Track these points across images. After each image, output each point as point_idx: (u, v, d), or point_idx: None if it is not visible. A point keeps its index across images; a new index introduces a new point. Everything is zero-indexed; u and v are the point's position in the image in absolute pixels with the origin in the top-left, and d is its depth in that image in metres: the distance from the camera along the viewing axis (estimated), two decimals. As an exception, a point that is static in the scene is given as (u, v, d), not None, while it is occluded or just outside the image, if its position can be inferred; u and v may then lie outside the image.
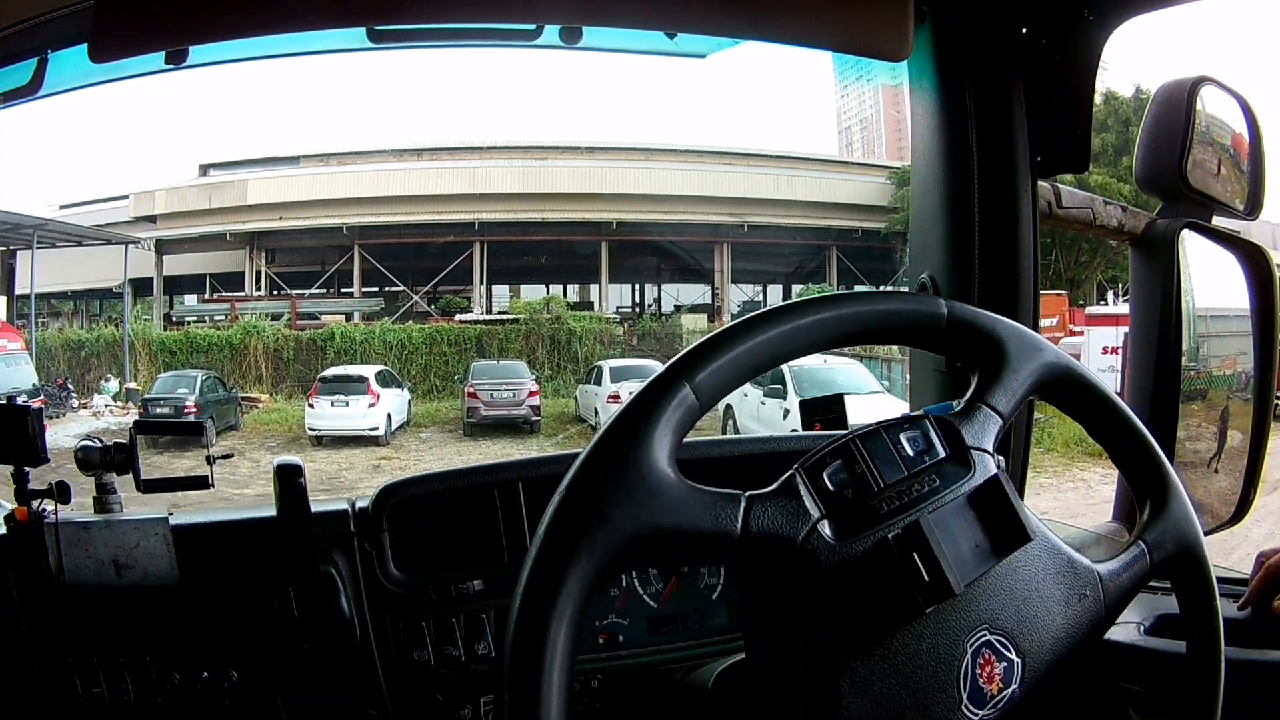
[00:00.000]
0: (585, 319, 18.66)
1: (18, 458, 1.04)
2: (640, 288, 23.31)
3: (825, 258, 21.57)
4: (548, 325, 18.21)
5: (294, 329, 18.06)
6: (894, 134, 29.26)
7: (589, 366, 16.04)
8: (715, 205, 20.36)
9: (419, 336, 17.85)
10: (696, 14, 1.08)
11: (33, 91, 1.12)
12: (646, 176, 20.37)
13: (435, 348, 17.76)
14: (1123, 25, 1.10)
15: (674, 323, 19.81)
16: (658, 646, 1.13)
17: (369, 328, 18.02)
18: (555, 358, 18.01)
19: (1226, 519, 1.27)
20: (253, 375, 17.06)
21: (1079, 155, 1.17)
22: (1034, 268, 1.22)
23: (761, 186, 20.63)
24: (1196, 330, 1.31)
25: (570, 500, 0.50)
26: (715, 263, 21.21)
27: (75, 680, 1.03)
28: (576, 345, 18.03)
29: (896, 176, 20.48)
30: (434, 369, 17.50)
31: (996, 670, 0.55)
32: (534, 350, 17.76)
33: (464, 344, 17.81)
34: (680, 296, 22.80)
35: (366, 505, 1.14)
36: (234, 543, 1.10)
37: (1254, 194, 1.27)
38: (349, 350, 17.23)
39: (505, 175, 19.91)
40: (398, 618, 1.10)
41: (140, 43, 0.99)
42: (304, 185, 19.73)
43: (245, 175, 20.11)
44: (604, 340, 18.23)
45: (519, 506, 1.14)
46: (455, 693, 1.10)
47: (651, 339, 18.68)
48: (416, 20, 1.12)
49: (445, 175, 19.85)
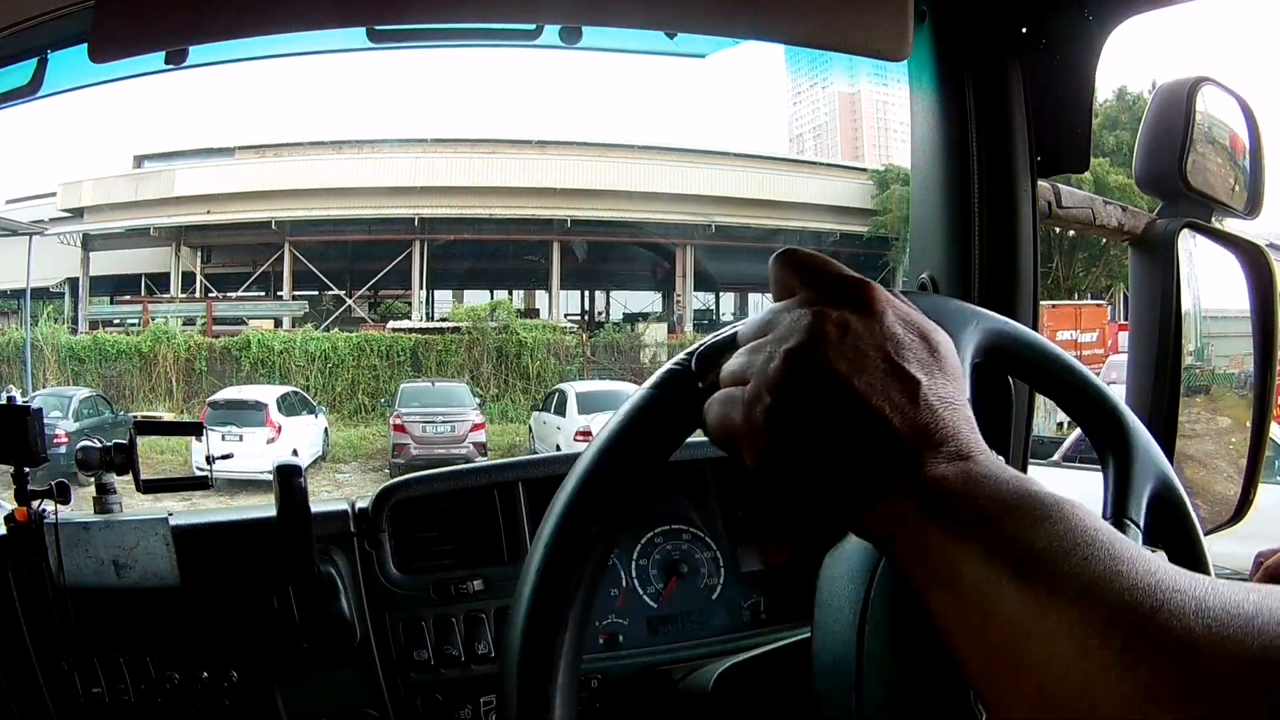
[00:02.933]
0: (537, 328, 16.40)
1: (18, 458, 1.04)
2: (592, 294, 21.19)
3: None
4: (494, 335, 15.84)
5: (209, 335, 15.85)
6: (850, 141, 28.29)
7: (548, 391, 13.66)
8: (679, 203, 18.56)
9: (345, 347, 15.34)
10: (696, 14, 1.08)
11: (33, 91, 1.12)
12: (603, 170, 18.46)
13: (364, 360, 15.28)
14: (1123, 24, 1.10)
15: (634, 333, 17.60)
16: (658, 646, 1.13)
17: (289, 336, 15.59)
18: (502, 373, 15.68)
19: (1227, 518, 1.27)
20: (163, 388, 14.72)
21: (1079, 155, 1.17)
22: (1034, 268, 1.22)
23: (730, 184, 18.90)
24: (1203, 329, 1.31)
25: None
26: (677, 266, 19.20)
27: (75, 680, 1.03)
28: (527, 359, 15.72)
29: (879, 177, 19.34)
30: (362, 385, 15.04)
31: None
32: (478, 364, 15.59)
33: (396, 356, 15.40)
34: (630, 304, 20.57)
35: (366, 505, 1.15)
36: (234, 543, 1.10)
37: (1254, 194, 1.28)
38: (266, 361, 14.90)
39: (450, 168, 17.90)
40: (398, 618, 1.10)
41: (140, 43, 0.99)
42: (236, 176, 17.78)
43: (176, 166, 18.09)
44: (558, 353, 16.03)
45: (519, 506, 1.14)
46: (455, 693, 1.10)
47: (612, 352, 16.48)
48: (416, 20, 1.12)
49: (384, 167, 17.79)
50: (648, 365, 15.40)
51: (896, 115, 28.54)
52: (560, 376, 15.24)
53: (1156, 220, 1.25)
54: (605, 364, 16.06)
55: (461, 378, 14.87)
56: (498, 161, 18.20)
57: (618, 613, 1.14)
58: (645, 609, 1.15)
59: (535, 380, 15.30)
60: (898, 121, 28.57)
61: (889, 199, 18.11)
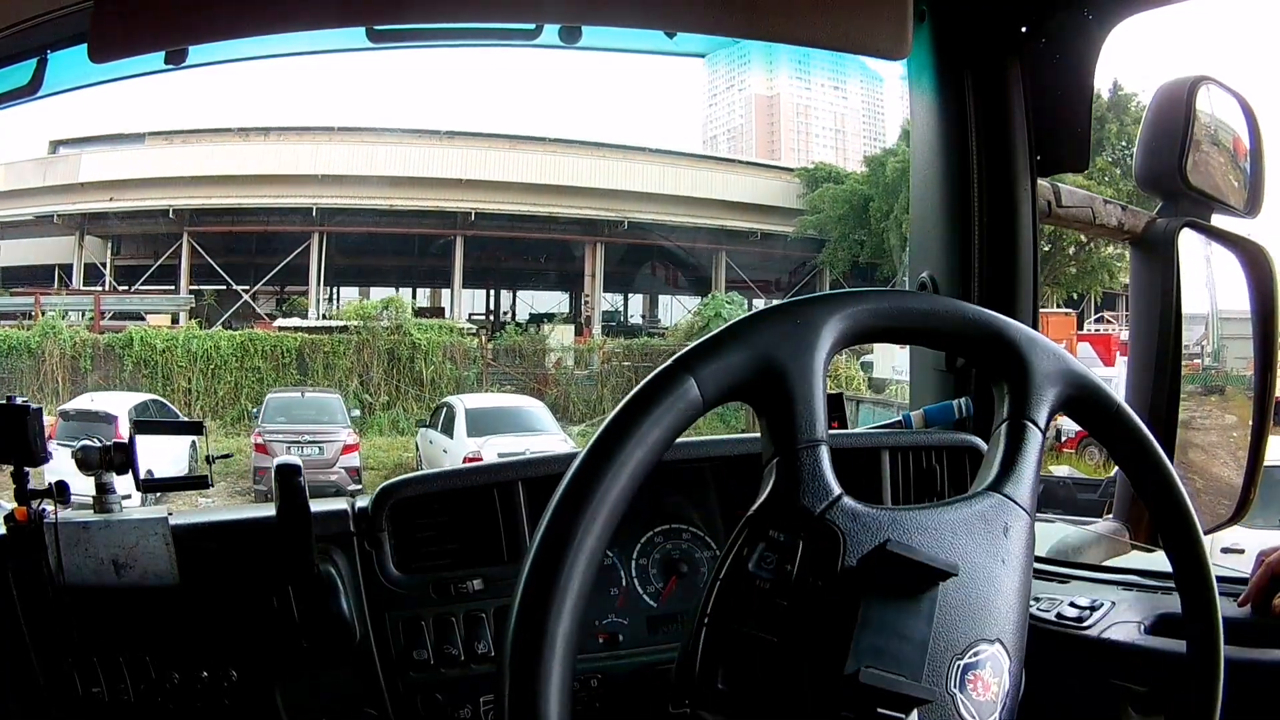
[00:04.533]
0: (432, 328, 14.70)
1: (18, 458, 1.04)
2: (496, 293, 19.88)
3: (714, 262, 18.39)
4: (385, 336, 14.17)
5: (96, 330, 14.35)
6: (766, 145, 27.07)
7: (437, 404, 11.86)
8: (590, 198, 17.33)
9: (228, 346, 13.73)
10: (696, 14, 1.08)
11: (32, 91, 1.12)
12: (510, 162, 17.16)
13: (247, 361, 13.69)
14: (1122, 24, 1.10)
15: (539, 336, 16.05)
16: (657, 646, 1.13)
17: (171, 334, 14.17)
18: (394, 378, 14.10)
19: (1227, 518, 1.27)
20: (50, 389, 13.12)
21: (1079, 154, 1.17)
22: (1034, 267, 1.22)
23: (645, 180, 17.58)
24: (1220, 331, 1.31)
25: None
26: (587, 264, 17.82)
27: (75, 680, 1.03)
28: (420, 362, 14.14)
29: (807, 175, 18.56)
30: (246, 389, 13.40)
31: (986, 676, 0.54)
32: (368, 368, 14.01)
33: (282, 357, 13.86)
34: (537, 304, 19.19)
35: (366, 505, 1.14)
36: (233, 542, 1.10)
37: (1254, 193, 1.28)
38: (149, 360, 13.50)
39: (353, 157, 16.50)
40: (397, 617, 1.10)
41: (140, 43, 0.99)
42: (140, 163, 16.31)
43: (86, 152, 16.69)
44: (455, 356, 14.49)
45: (518, 506, 1.14)
46: (455, 692, 1.10)
47: (514, 356, 15.00)
48: (416, 20, 1.12)
49: (285, 154, 16.26)
50: (551, 371, 14.88)
51: (819, 120, 27.97)
52: (457, 383, 14.10)
53: (1156, 220, 1.25)
54: (506, 369, 14.80)
55: (350, 383, 13.69)
56: (402, 151, 16.89)
57: (617, 612, 1.14)
58: (645, 608, 1.15)
59: (430, 387, 13.92)
60: (820, 126, 27.99)
61: (820, 197, 17.46)
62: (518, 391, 13.64)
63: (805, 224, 17.62)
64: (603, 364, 14.98)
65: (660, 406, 0.52)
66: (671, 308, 19.68)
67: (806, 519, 0.52)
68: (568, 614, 0.47)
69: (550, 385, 14.55)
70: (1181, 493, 0.65)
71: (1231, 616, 0.95)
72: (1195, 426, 1.38)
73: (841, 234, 17.19)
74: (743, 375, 0.55)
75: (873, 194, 16.81)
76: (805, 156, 22.26)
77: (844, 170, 18.96)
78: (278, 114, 18.22)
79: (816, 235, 17.51)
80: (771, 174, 19.78)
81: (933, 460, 1.17)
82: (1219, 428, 1.40)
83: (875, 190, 16.78)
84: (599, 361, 15.03)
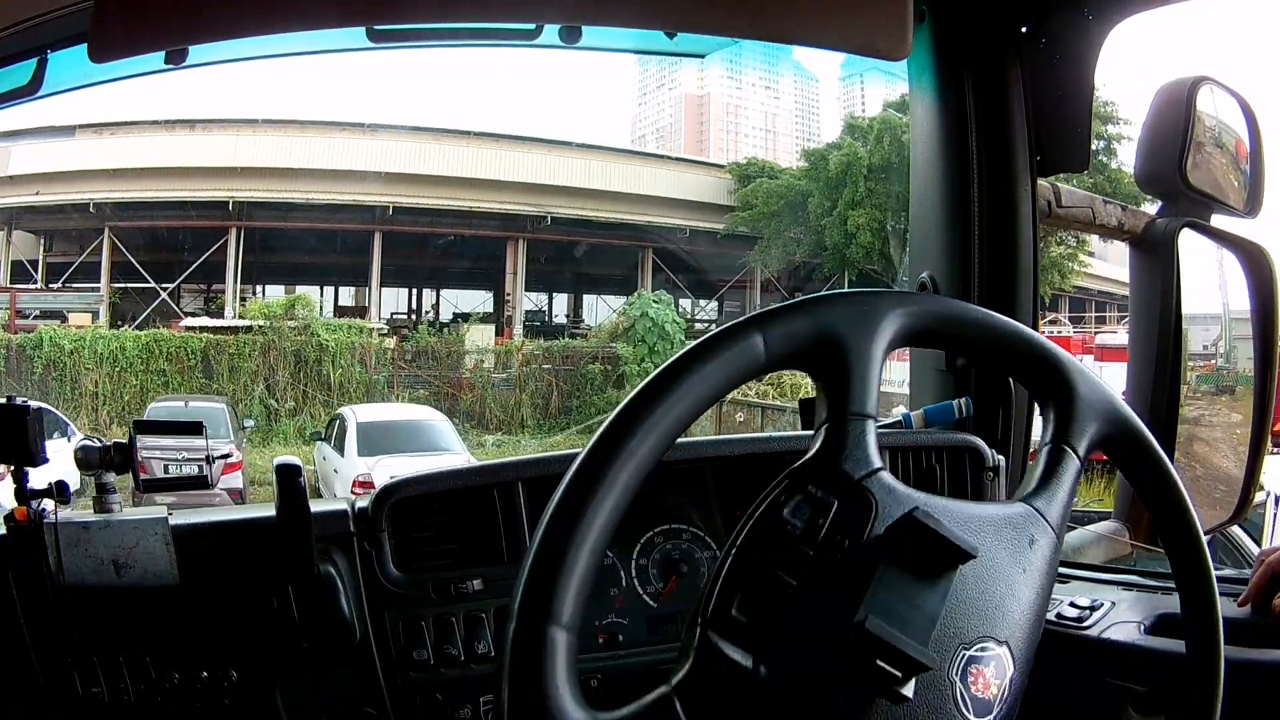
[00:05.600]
0: (340, 329, 13.71)
1: (18, 458, 1.04)
2: (419, 292, 18.94)
3: (640, 260, 17.41)
4: (291, 336, 13.18)
5: (11, 330, 13.64)
6: (695, 144, 26.34)
7: (330, 416, 10.97)
8: (512, 192, 16.35)
9: (134, 348, 12.94)
10: (696, 14, 1.08)
11: (33, 91, 1.12)
12: (431, 155, 16.26)
13: (152, 363, 12.91)
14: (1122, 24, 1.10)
15: (456, 337, 15.07)
16: (657, 646, 1.13)
17: (79, 334, 13.34)
18: (301, 382, 13.13)
19: (1227, 518, 1.27)
20: None
21: (1079, 154, 1.17)
22: (1034, 267, 1.22)
23: (570, 174, 16.69)
24: (1232, 331, 1.31)
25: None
26: (509, 262, 16.86)
27: (75, 680, 1.03)
28: (328, 365, 13.19)
29: (739, 171, 17.72)
30: (151, 393, 12.48)
31: (988, 674, 0.55)
32: (273, 371, 13.09)
33: (187, 359, 13.07)
34: (461, 303, 18.20)
35: (366, 505, 1.14)
36: (234, 542, 1.10)
37: (1254, 193, 1.28)
38: (59, 362, 12.81)
39: (276, 149, 15.54)
40: (397, 617, 1.10)
41: (140, 43, 0.99)
42: (69, 156, 15.45)
43: (15, 145, 15.64)
44: (366, 359, 13.62)
45: (518, 506, 1.14)
46: (455, 692, 1.10)
47: (428, 359, 14.11)
48: (416, 20, 1.12)
49: (207, 146, 15.32)
50: (468, 374, 14.09)
51: (749, 119, 27.63)
52: (367, 388, 13.33)
53: (1156, 220, 1.25)
54: (418, 372, 13.97)
55: (255, 387, 12.90)
56: (324, 143, 15.94)
57: (617, 612, 1.14)
58: (645, 608, 1.15)
59: (338, 392, 13.04)
60: (750, 125, 27.61)
61: (754, 192, 16.61)
62: (432, 396, 13.14)
63: (737, 220, 16.83)
64: (521, 366, 14.21)
65: (727, 353, 0.55)
66: (597, 307, 19.08)
67: (845, 482, 0.55)
68: (607, 511, 0.50)
69: (466, 390, 13.90)
70: (1182, 493, 0.65)
71: (1231, 616, 0.95)
72: (1204, 424, 1.39)
73: (775, 231, 16.51)
74: (807, 343, 0.57)
75: (812, 189, 16.07)
76: (735, 155, 21.09)
77: (779, 166, 18.16)
78: (206, 105, 16.56)
79: (749, 232, 16.73)
80: (701, 169, 18.98)
81: (933, 460, 1.17)
82: (1225, 425, 1.41)
83: (816, 185, 16.06)
84: (518, 364, 14.26)
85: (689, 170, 18.76)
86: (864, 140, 15.91)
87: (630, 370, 13.78)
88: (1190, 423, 1.29)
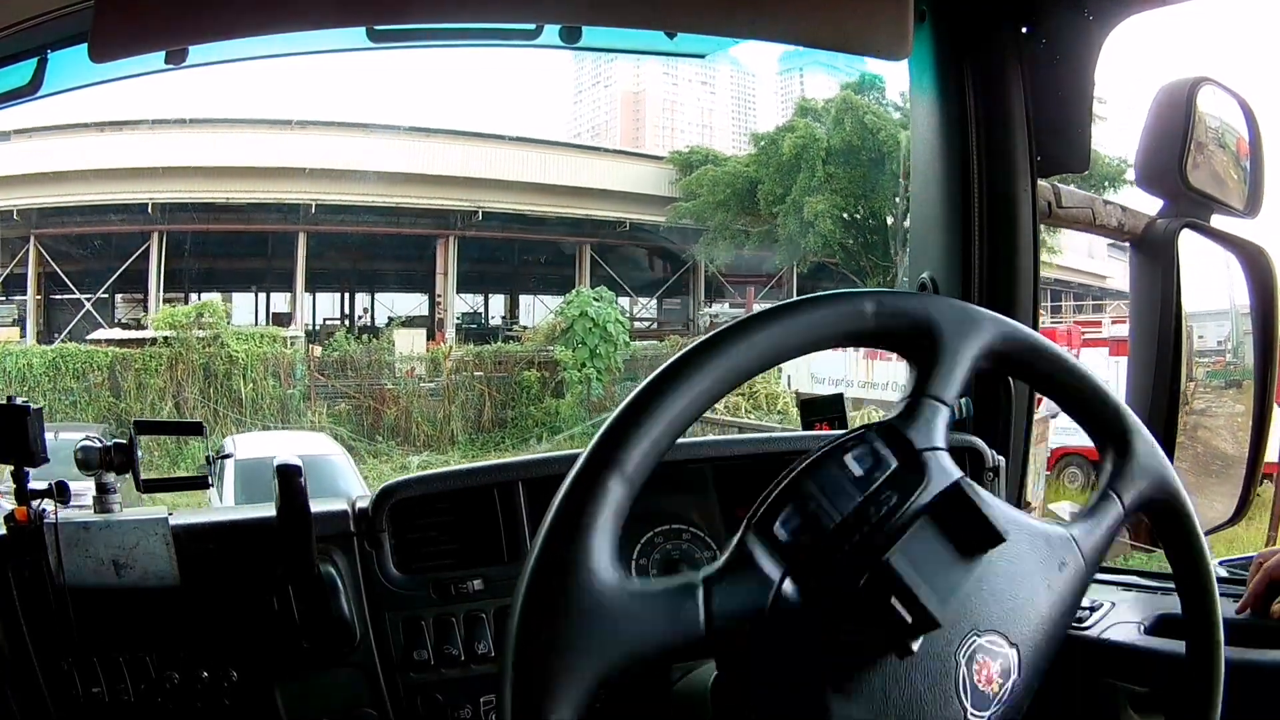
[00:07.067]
0: (253, 338, 12.44)
1: (18, 458, 1.04)
2: (351, 296, 17.53)
3: (578, 256, 16.35)
4: (199, 348, 12.00)
5: None
6: (630, 140, 25.67)
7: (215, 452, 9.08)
8: (442, 187, 15.25)
9: (40, 364, 11.82)
10: (696, 14, 1.08)
11: (33, 91, 1.12)
12: (357, 150, 14.95)
13: (59, 381, 11.75)
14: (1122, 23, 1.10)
15: (381, 344, 13.61)
16: None
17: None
18: (211, 399, 11.96)
19: (1227, 518, 1.27)
20: None
21: (1079, 154, 1.17)
22: (1034, 268, 1.22)
23: (503, 168, 15.50)
24: (1240, 327, 1.32)
25: (527, 648, 0.49)
26: (438, 262, 15.73)
27: (75, 680, 1.03)
28: (239, 379, 12.02)
29: (681, 159, 16.49)
30: (60, 414, 11.31)
31: (993, 669, 0.55)
32: (181, 387, 11.94)
33: (93, 376, 11.94)
34: (397, 308, 16.68)
35: (366, 505, 1.14)
36: (234, 542, 1.10)
37: (1254, 193, 1.27)
38: None
39: (198, 146, 14.45)
40: (397, 617, 1.10)
41: (140, 43, 0.99)
42: (3, 161, 14.10)
43: None
44: (281, 372, 12.36)
45: (519, 506, 1.14)
46: (455, 692, 1.10)
47: (348, 370, 12.81)
48: (416, 20, 1.12)
49: (127, 146, 14.14)
50: (389, 387, 12.91)
51: (684, 116, 27.11)
52: (281, 404, 12.22)
53: (1156, 220, 1.25)
54: (334, 383, 12.68)
55: (164, 405, 11.71)
56: (245, 139, 14.83)
57: None
58: None
59: (250, 409, 11.90)
60: (685, 122, 26.84)
61: (698, 181, 15.40)
62: (353, 411, 12.16)
63: (680, 211, 15.54)
64: (450, 375, 12.97)
65: (840, 308, 0.58)
66: (534, 308, 17.81)
67: (908, 449, 0.57)
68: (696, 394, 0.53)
69: (390, 403, 12.59)
70: (1182, 493, 0.65)
71: (1230, 619, 0.95)
72: (1211, 414, 1.40)
73: (721, 222, 15.29)
74: (911, 325, 0.60)
75: (762, 176, 14.78)
76: (670, 150, 20.52)
77: (723, 155, 16.81)
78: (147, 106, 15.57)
79: (692, 224, 15.59)
80: (641, 161, 17.99)
81: None
82: (1229, 414, 1.41)
83: (766, 171, 14.75)
84: (446, 371, 13.04)
85: (629, 161, 17.87)
86: (821, 122, 14.68)
87: (570, 376, 12.71)
88: (1198, 414, 1.30)
